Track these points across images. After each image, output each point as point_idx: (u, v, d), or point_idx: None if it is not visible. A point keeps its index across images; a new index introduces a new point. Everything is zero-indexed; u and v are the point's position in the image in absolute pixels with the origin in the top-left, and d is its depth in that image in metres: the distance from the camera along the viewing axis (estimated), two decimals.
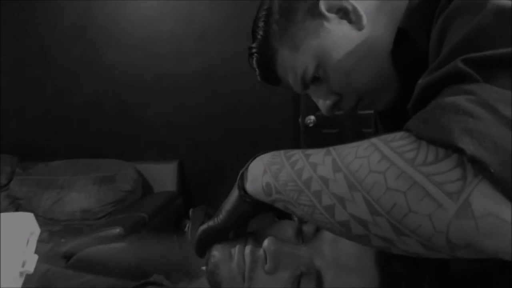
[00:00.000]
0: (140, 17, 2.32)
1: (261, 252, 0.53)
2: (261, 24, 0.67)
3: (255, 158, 0.51)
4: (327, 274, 0.51)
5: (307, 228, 0.55)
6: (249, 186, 0.50)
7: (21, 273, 0.52)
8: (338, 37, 0.61)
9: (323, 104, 0.66)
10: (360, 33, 0.60)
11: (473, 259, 0.54)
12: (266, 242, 0.52)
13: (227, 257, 0.54)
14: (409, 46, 0.55)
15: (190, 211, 2.31)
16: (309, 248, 0.53)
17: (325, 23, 0.61)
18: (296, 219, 0.57)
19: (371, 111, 0.81)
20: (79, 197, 2.18)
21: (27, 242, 0.54)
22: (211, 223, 0.54)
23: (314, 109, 2.17)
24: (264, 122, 2.32)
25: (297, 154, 0.43)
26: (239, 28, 2.12)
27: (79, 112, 2.45)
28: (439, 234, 0.30)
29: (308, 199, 0.39)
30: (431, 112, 0.32)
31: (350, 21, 0.61)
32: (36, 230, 0.56)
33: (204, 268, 0.70)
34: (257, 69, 0.70)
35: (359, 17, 0.60)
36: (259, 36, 0.67)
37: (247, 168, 0.51)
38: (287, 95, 2.25)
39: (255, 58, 0.69)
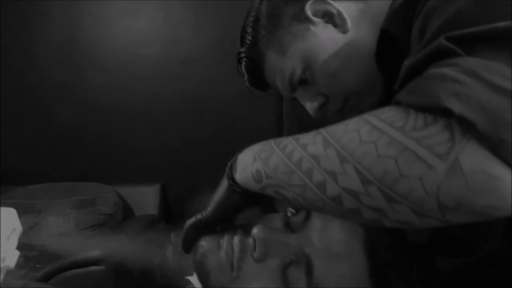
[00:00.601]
0: (126, 41, 2.34)
1: (250, 240, 0.52)
2: (249, 29, 0.69)
3: (243, 150, 0.51)
4: (317, 261, 0.50)
5: (296, 219, 0.55)
6: (239, 176, 0.50)
7: (1, 269, 0.51)
8: (324, 39, 0.63)
9: (310, 106, 0.67)
10: (345, 36, 0.63)
11: (459, 255, 0.54)
12: (255, 230, 0.52)
13: (215, 247, 0.53)
14: (391, 47, 0.57)
15: (172, 235, 2.27)
16: (298, 236, 0.53)
17: (312, 27, 0.64)
18: (282, 213, 0.57)
19: None
20: (57, 221, 2.12)
21: (9, 238, 0.53)
22: (199, 216, 0.54)
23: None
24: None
25: (287, 139, 0.43)
26: (224, 54, 2.15)
27: (60, 135, 2.42)
28: (431, 196, 0.30)
29: (299, 179, 0.39)
30: (418, 83, 0.34)
31: (335, 25, 0.63)
32: (18, 227, 0.55)
33: (188, 277, 0.68)
34: (245, 74, 0.72)
35: (343, 20, 0.62)
36: (247, 41, 0.69)
37: (236, 159, 0.51)
38: (271, 120, 2.27)
39: (243, 63, 0.71)
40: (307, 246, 0.51)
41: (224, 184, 0.52)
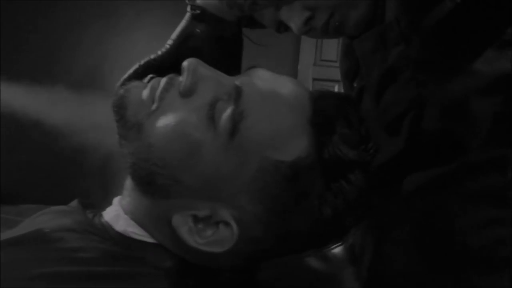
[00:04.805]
0: None
1: (180, 78, 0.45)
2: None
3: None
4: (249, 90, 0.43)
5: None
6: None
7: None
8: None
9: (295, 24, 0.63)
10: None
11: (432, 165, 0.45)
12: (187, 61, 0.44)
13: (142, 85, 0.46)
14: None
15: None
16: (237, 77, 0.46)
17: None
18: None
19: None
20: None
21: None
22: (152, 56, 0.49)
23: None
24: None
25: None
26: None
27: (65, 160, 2.43)
28: None
29: None
30: None
31: None
32: None
33: None
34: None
35: None
36: None
37: None
38: None
39: None
40: (243, 82, 0.44)
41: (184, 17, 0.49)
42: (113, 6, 2.46)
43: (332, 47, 2.09)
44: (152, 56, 0.49)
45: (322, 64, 2.09)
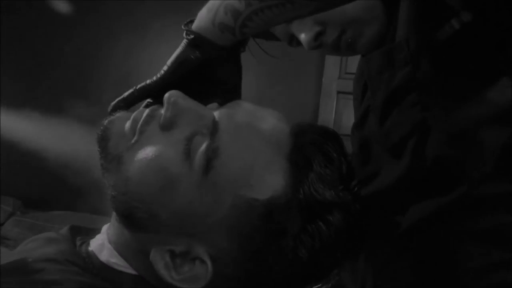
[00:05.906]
0: None
1: (162, 110, 0.45)
2: None
3: None
4: (226, 125, 0.43)
5: None
6: (196, 21, 0.47)
7: None
8: None
9: (305, 37, 0.63)
10: None
11: (436, 192, 0.44)
12: (168, 93, 0.44)
13: (127, 116, 0.46)
14: None
15: None
16: (218, 111, 0.45)
17: None
18: None
19: None
20: None
21: None
22: (148, 81, 0.49)
23: None
24: None
25: None
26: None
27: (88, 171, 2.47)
28: None
29: None
30: None
31: None
32: None
33: None
34: None
35: None
36: None
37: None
38: None
39: None
40: (221, 116, 0.44)
41: (180, 45, 0.49)
42: (140, 20, 2.53)
43: (358, 61, 2.07)
44: (148, 81, 0.49)
45: (346, 77, 2.07)
